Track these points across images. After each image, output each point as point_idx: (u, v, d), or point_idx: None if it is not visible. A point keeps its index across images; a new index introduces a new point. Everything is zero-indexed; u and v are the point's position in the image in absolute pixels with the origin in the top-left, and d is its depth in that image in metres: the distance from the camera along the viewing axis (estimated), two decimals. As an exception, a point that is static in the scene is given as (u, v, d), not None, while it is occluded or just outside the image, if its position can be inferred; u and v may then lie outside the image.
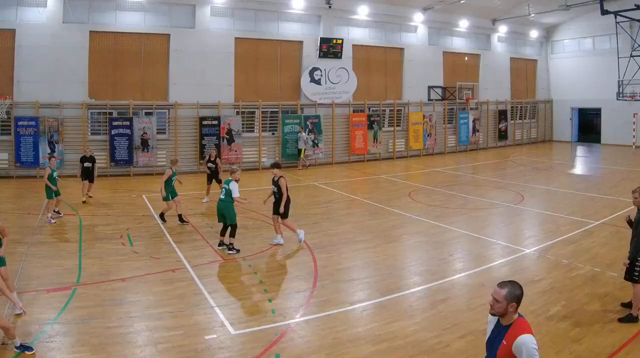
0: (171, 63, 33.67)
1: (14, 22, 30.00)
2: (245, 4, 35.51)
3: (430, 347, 9.83)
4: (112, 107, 32.15)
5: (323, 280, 13.55)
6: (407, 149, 42.05)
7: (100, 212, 21.61)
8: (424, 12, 42.00)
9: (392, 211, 22.00)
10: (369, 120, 39.62)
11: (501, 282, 6.01)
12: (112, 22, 32.23)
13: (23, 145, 30.02)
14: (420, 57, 42.75)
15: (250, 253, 15.94)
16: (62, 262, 14.84)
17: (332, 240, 17.46)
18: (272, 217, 17.19)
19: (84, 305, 11.63)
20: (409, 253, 16.60)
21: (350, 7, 38.89)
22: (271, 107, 36.58)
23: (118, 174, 31.88)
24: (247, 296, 12.69)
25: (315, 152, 37.55)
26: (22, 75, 30.19)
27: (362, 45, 40.22)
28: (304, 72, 37.59)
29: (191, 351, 9.70)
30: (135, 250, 16.12)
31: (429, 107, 43.18)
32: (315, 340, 10.23)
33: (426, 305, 12.04)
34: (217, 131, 34.08)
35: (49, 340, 9.93)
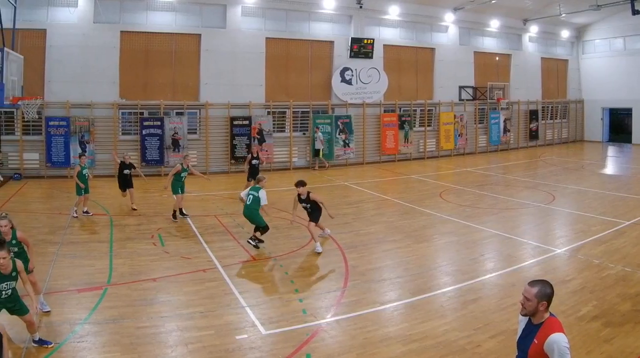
0: (202, 63, 32.53)
1: (44, 22, 29.09)
2: (276, 4, 34.27)
3: (461, 347, 9.63)
4: (143, 107, 31.16)
5: (354, 280, 13.24)
6: (438, 148, 40.51)
7: (132, 212, 20.96)
8: (454, 12, 40.35)
9: (423, 211, 21.33)
10: (400, 120, 38.15)
11: (532, 281, 5.92)
12: (143, 22, 31.22)
13: (54, 145, 29.00)
14: (451, 57, 41.13)
15: (281, 253, 15.57)
16: (93, 261, 14.53)
17: (363, 240, 17.01)
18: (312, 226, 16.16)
19: (115, 305, 11.44)
20: (440, 253, 16.14)
21: (381, 7, 37.44)
22: (302, 107, 35.35)
23: (149, 174, 30.03)
24: (278, 296, 12.38)
25: (346, 152, 36.17)
26: (53, 75, 29.25)
27: (393, 45, 38.71)
28: (334, 72, 36.24)
29: (222, 351, 9.52)
30: (166, 250, 15.77)
31: (460, 107, 41.61)
32: (346, 340, 10.02)
33: (457, 305, 11.75)
34: (248, 131, 32.88)
35: (79, 340, 9.77)
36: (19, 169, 28.64)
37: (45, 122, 28.85)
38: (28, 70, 26.55)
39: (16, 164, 28.81)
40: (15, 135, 29.10)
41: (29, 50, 28.05)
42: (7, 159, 28.69)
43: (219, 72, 32.67)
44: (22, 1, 27.24)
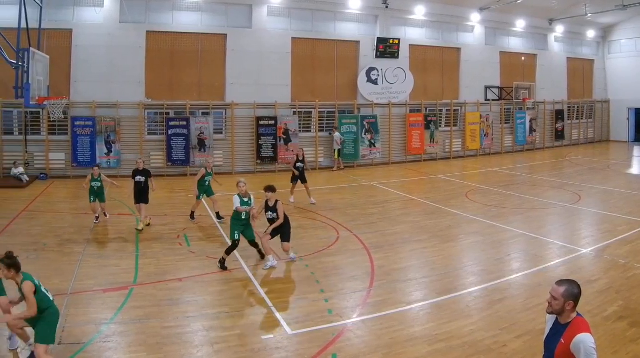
0: (228, 63, 31.51)
1: (70, 22, 28.27)
2: (302, 4, 33.16)
3: (487, 347, 9.40)
4: (169, 107, 30.16)
5: (380, 280, 12.95)
6: (464, 148, 39.12)
7: (158, 212, 20.13)
8: (480, 12, 38.89)
9: (448, 211, 20.80)
10: (426, 120, 36.89)
11: (560, 280, 5.83)
12: (169, 22, 30.27)
13: (80, 145, 28.12)
14: (477, 57, 39.66)
15: (307, 254, 15.10)
16: (119, 262, 14.27)
17: (388, 240, 16.54)
18: (266, 239, 14.25)
19: (141, 305, 11.22)
20: (466, 253, 15.74)
21: (407, 7, 36.12)
22: (328, 107, 34.18)
23: (175, 174, 29.94)
24: (304, 296, 12.04)
25: (372, 152, 34.99)
26: (78, 75, 28.39)
27: (419, 45, 37.37)
28: (360, 72, 35.04)
29: (248, 351, 9.34)
30: (192, 250, 15.45)
31: (485, 107, 40.15)
32: (372, 340, 9.78)
33: (483, 305, 11.47)
34: (274, 131, 31.83)
35: (105, 340, 9.58)
36: (44, 169, 27.82)
37: (71, 122, 27.99)
38: (54, 70, 25.64)
39: (42, 164, 27.96)
40: (41, 135, 28.26)
41: (55, 50, 27.14)
42: (33, 158, 27.85)
43: (244, 72, 31.61)
44: (48, 1, 26.32)
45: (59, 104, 23.58)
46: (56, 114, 23.48)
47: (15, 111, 27.95)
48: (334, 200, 22.96)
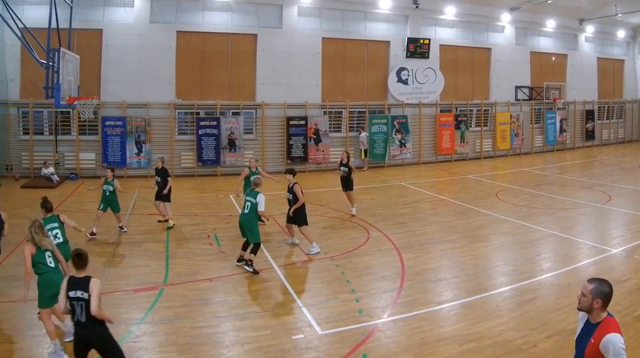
0: (258, 63, 30.07)
1: (101, 22, 27.12)
2: (333, 4, 31.54)
3: (517, 347, 9.14)
4: (199, 107, 28.92)
5: (410, 280, 12.56)
6: (494, 148, 37.25)
7: (188, 212, 19.65)
8: (511, 12, 36.89)
9: (479, 211, 20.08)
10: (456, 120, 35.17)
11: (592, 278, 5.63)
12: (199, 22, 28.94)
13: (110, 145, 26.99)
14: (508, 57, 37.68)
15: (337, 253, 14.66)
16: (149, 262, 13.88)
17: (419, 240, 16.02)
18: (286, 225, 15.73)
19: (171, 305, 10.94)
20: (496, 253, 15.26)
21: (437, 7, 34.35)
22: (358, 107, 32.61)
23: (205, 174, 28.70)
24: (334, 296, 11.59)
25: (403, 152, 33.34)
26: (109, 75, 27.22)
27: (449, 45, 35.57)
28: (391, 72, 33.37)
29: (278, 351, 9.08)
30: (222, 250, 14.95)
31: (516, 107, 38.20)
32: (402, 340, 9.51)
33: (513, 305, 11.12)
34: (304, 131, 30.39)
35: (136, 340, 9.32)
36: (75, 169, 26.74)
37: (101, 122, 26.92)
38: (84, 70, 24.38)
39: (72, 163, 26.88)
40: (71, 135, 27.25)
41: (86, 50, 25.87)
42: (64, 158, 26.78)
43: (275, 72, 30.25)
44: (78, 1, 25.14)
45: (89, 104, 22.66)
46: (86, 114, 22.55)
47: (45, 111, 26.97)
48: (365, 200, 22.05)
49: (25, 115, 26.72)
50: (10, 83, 26.13)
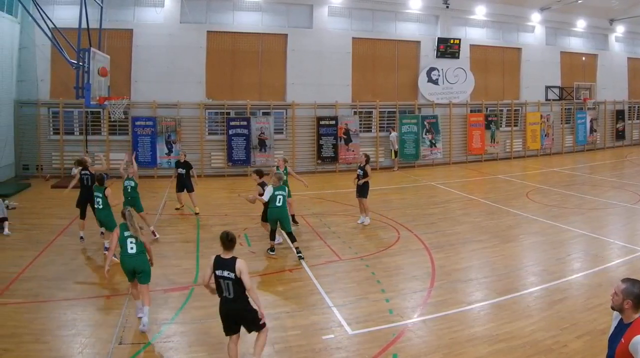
0: (288, 63, 28.49)
1: (131, 22, 25.86)
2: (363, 4, 29.79)
3: (547, 347, 8.67)
4: (229, 107, 27.39)
5: (440, 280, 11.97)
6: (525, 148, 35.20)
7: (218, 212, 18.80)
8: (541, 12, 34.77)
9: (509, 211, 19.10)
10: (487, 120, 33.23)
11: (626, 278, 5.39)
12: (229, 22, 27.44)
13: (140, 145, 25.58)
14: (538, 57, 35.53)
15: (367, 253, 14.02)
16: (180, 261, 13.26)
17: (449, 240, 15.28)
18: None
19: (202, 305, 10.32)
20: (526, 253, 14.57)
21: (467, 7, 32.37)
22: (388, 107, 30.81)
23: (235, 174, 27.21)
24: (365, 296, 11.06)
25: (433, 152, 31.53)
26: (139, 75, 25.88)
27: (480, 45, 33.59)
28: (421, 72, 31.53)
29: (308, 351, 8.65)
30: (252, 250, 14.21)
31: (546, 107, 36.05)
32: (432, 340, 9.08)
33: (544, 305, 10.59)
34: (334, 131, 28.70)
35: (166, 340, 8.99)
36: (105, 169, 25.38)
37: (131, 122, 25.62)
38: (114, 70, 23.42)
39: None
40: (101, 135, 25.95)
41: (116, 50, 24.80)
42: (94, 158, 25.41)
43: (305, 72, 28.62)
44: (108, 1, 24.09)
45: (119, 104, 21.71)
46: (117, 114, 21.75)
47: (75, 111, 25.71)
48: (395, 200, 21.20)
49: (55, 115, 25.51)
50: (41, 83, 24.93)
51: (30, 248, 13.70)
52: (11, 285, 11.13)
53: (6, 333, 8.93)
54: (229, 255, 7.63)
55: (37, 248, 13.55)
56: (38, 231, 15.59)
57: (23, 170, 25.04)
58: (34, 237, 14.87)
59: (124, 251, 9.49)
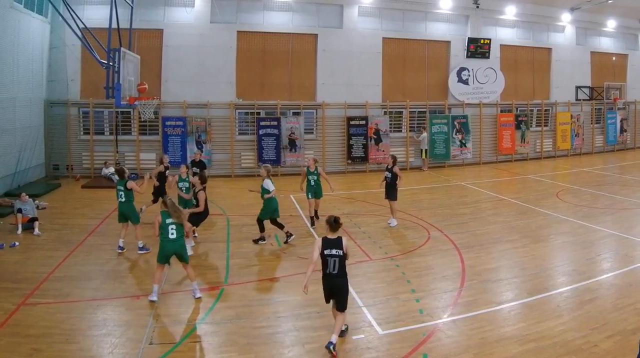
0: (319, 63, 26.85)
1: (161, 22, 24.49)
2: (393, 4, 27.96)
3: (577, 347, 8.22)
4: (259, 107, 25.79)
5: (470, 280, 11.40)
6: (555, 148, 33.07)
7: (248, 212, 17.36)
8: (571, 12, 32.63)
9: (539, 211, 18.12)
10: (517, 120, 31.23)
11: None
12: (259, 22, 25.88)
13: (171, 145, 24.13)
14: (568, 57, 33.36)
15: (397, 253, 13.40)
16: (210, 261, 12.85)
17: (479, 240, 14.57)
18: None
19: (232, 305, 10.09)
20: (556, 253, 13.82)
21: (497, 7, 30.36)
22: (419, 107, 29.00)
23: (266, 174, 25.81)
24: (395, 296, 10.55)
25: (463, 152, 29.65)
26: (169, 75, 24.48)
27: (510, 45, 31.60)
28: (451, 72, 29.64)
29: (339, 351, 8.14)
30: (283, 250, 13.65)
31: (576, 107, 33.86)
32: (462, 340, 8.57)
33: (574, 305, 10.07)
34: (364, 131, 26.98)
35: (196, 340, 8.58)
36: (135, 169, 23.86)
37: (161, 122, 24.16)
38: (145, 70, 21.98)
39: (133, 163, 24.10)
40: (132, 135, 24.56)
41: (146, 50, 23.46)
42: (124, 158, 24.04)
43: (335, 72, 26.95)
44: (139, 1, 22.71)
45: (149, 104, 20.36)
46: (147, 114, 20.36)
47: (106, 111, 24.40)
48: (425, 200, 20.25)
49: (85, 115, 24.19)
50: (71, 83, 23.65)
51: (61, 249, 13.16)
52: (42, 285, 10.70)
53: (37, 333, 8.59)
54: (335, 236, 8.35)
55: (68, 248, 13.08)
56: (68, 231, 14.97)
57: (53, 170, 23.77)
58: (64, 237, 14.27)
59: (165, 236, 9.80)
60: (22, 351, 7.99)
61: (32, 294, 10.21)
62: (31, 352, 7.94)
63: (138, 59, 21.02)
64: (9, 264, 12.02)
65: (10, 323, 8.95)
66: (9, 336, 8.49)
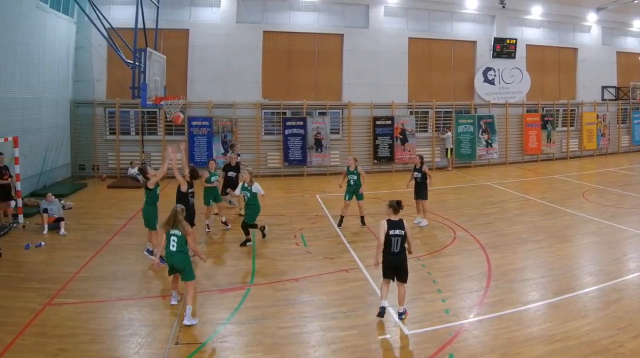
0: (345, 63, 25.47)
1: (187, 22, 23.35)
2: (419, 4, 26.49)
3: (603, 347, 7.76)
4: (285, 107, 24.52)
5: (496, 280, 10.75)
6: (581, 148, 31.35)
7: (274, 212, 16.80)
8: (597, 12, 30.89)
9: (565, 211, 17.25)
10: (543, 120, 29.60)
11: None
12: (285, 22, 24.62)
13: (196, 145, 22.94)
14: (594, 57, 31.61)
15: (423, 253, 12.62)
16: (236, 262, 12.16)
17: (505, 240, 13.90)
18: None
19: (258, 305, 9.50)
20: (583, 253, 13.14)
21: (523, 7, 28.72)
22: (445, 107, 27.53)
23: (291, 174, 24.46)
24: (421, 296, 9.92)
25: (489, 152, 28.09)
26: (195, 75, 23.31)
27: (536, 45, 29.96)
28: (477, 72, 28.07)
29: (365, 351, 7.81)
30: (308, 250, 12.97)
31: (602, 107, 32.10)
32: (488, 340, 8.12)
33: (600, 305, 9.43)
34: (390, 131, 25.55)
35: (222, 340, 8.12)
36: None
37: (187, 122, 22.92)
38: (170, 70, 20.97)
39: (159, 164, 22.63)
40: (157, 135, 23.44)
41: (172, 50, 22.34)
42: (150, 159, 22.91)
43: (361, 72, 25.56)
44: (164, 1, 21.61)
45: (175, 104, 19.26)
46: (173, 113, 19.05)
47: (131, 111, 23.29)
48: (451, 200, 19.39)
49: (111, 115, 23.11)
50: (97, 83, 22.60)
51: (87, 249, 12.65)
52: (67, 285, 10.29)
53: (63, 333, 8.20)
54: (397, 218, 8.72)
55: (94, 249, 12.59)
56: (94, 231, 14.44)
57: (79, 170, 22.71)
58: (90, 237, 13.75)
59: (167, 247, 9.05)
60: (48, 351, 7.62)
61: (58, 294, 9.79)
62: (57, 352, 7.58)
63: (164, 59, 20.13)
64: (35, 264, 11.55)
65: (36, 323, 8.54)
66: (34, 336, 8.10)
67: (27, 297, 9.60)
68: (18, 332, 8.18)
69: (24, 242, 13.08)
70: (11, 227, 14.34)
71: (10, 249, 12.51)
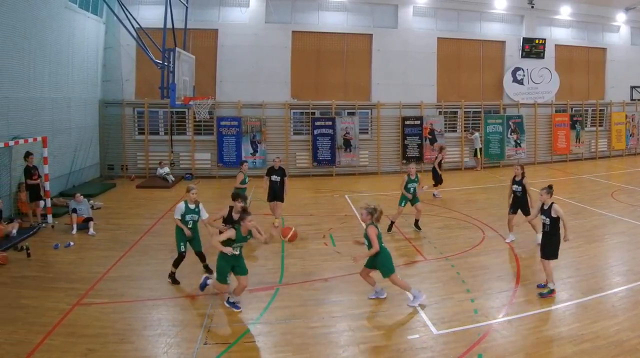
0: (373, 63, 23.14)
1: (216, 22, 21.36)
2: (448, 4, 24.00)
3: (632, 347, 7.11)
4: (314, 107, 22.31)
5: (525, 280, 9.74)
6: (610, 148, 28.49)
7: (303, 212, 15.88)
8: (626, 12, 27.87)
9: (594, 211, 15.88)
10: (572, 120, 26.86)
11: None
12: (314, 22, 22.40)
13: (225, 145, 20.98)
14: (623, 57, 28.63)
15: (452, 253, 11.50)
16: (265, 262, 11.14)
17: (534, 240, 12.12)
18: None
19: (287, 305, 8.78)
20: (612, 253, 11.85)
21: (552, 7, 25.98)
22: (473, 107, 25.04)
23: (320, 174, 22.30)
24: (450, 296, 9.03)
25: (518, 152, 25.51)
26: (224, 75, 21.27)
27: (565, 45, 27.18)
28: (506, 72, 25.43)
29: (393, 351, 7.22)
30: (337, 250, 11.86)
31: (631, 107, 29.10)
32: (517, 340, 7.45)
33: (629, 305, 8.56)
34: (419, 131, 23.17)
35: (251, 340, 7.56)
36: (190, 169, 20.96)
37: (216, 122, 20.98)
38: (199, 70, 19.12)
39: (188, 163, 21.07)
40: (186, 136, 21.46)
41: (201, 50, 20.49)
42: (179, 158, 20.97)
43: (390, 72, 23.20)
44: (193, 1, 19.71)
45: (204, 104, 17.70)
46: (202, 114, 17.84)
47: (160, 111, 21.34)
48: (480, 200, 18.03)
49: (140, 115, 21.15)
50: (126, 83, 20.68)
51: (115, 249, 11.84)
52: (96, 285, 9.62)
53: (92, 333, 7.65)
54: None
55: (122, 249, 11.79)
56: (123, 231, 13.54)
57: (108, 170, 20.82)
58: (119, 237, 12.90)
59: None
60: (77, 351, 7.13)
61: (87, 294, 9.20)
62: (86, 352, 7.10)
63: (193, 59, 18.36)
64: (64, 264, 10.85)
65: (65, 323, 7.95)
66: (63, 336, 7.55)
67: (56, 297, 8.94)
68: (47, 332, 7.57)
69: (53, 242, 12.21)
70: (40, 227, 13.35)
71: (40, 249, 11.70)
